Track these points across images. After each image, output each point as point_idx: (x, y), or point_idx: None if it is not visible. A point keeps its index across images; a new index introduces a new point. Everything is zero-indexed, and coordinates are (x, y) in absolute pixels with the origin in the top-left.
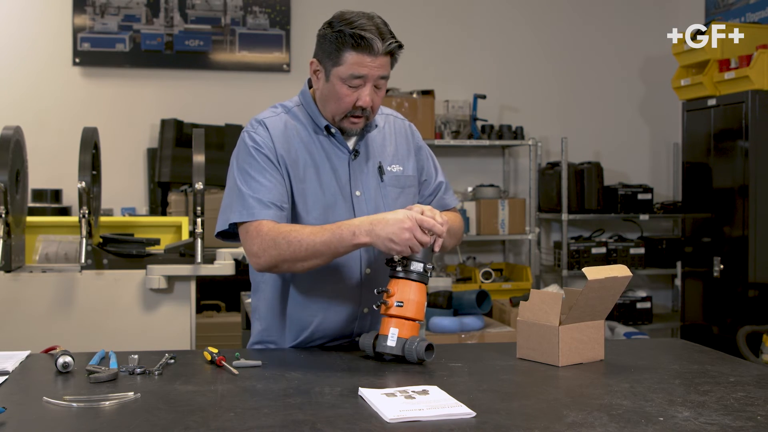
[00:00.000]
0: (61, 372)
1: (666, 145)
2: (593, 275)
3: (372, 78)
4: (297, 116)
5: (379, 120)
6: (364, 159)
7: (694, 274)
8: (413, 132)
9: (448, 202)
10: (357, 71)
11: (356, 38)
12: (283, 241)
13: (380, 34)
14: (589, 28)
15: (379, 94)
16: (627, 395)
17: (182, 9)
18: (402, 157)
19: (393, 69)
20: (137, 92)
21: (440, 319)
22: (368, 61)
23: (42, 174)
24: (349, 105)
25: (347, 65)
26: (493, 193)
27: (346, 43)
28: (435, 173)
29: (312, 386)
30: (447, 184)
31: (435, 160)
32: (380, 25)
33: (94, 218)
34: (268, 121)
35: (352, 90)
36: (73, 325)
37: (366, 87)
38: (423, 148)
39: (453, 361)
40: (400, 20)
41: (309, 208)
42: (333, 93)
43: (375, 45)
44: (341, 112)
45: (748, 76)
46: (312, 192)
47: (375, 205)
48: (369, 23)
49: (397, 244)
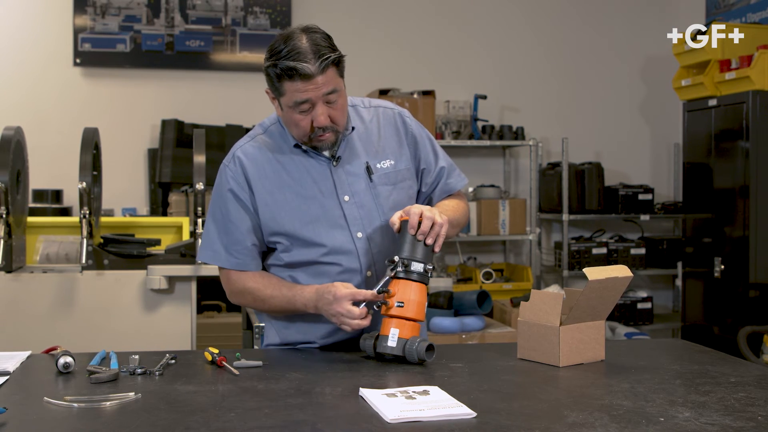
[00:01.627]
0: (62, 372)
1: (667, 145)
2: (594, 275)
3: (317, 98)
4: (273, 135)
5: (366, 114)
6: (348, 161)
7: (694, 274)
8: (404, 120)
9: (453, 185)
10: (300, 97)
11: (285, 71)
12: (249, 296)
13: (314, 54)
14: (590, 28)
15: (336, 107)
16: (628, 395)
17: (183, 9)
18: (392, 151)
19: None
20: (138, 92)
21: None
22: (307, 86)
23: (43, 174)
24: (307, 128)
25: (289, 94)
26: (493, 193)
27: (281, 75)
28: (435, 159)
29: (313, 386)
30: (450, 167)
31: (435, 144)
32: (317, 40)
33: (94, 219)
34: (241, 152)
35: (304, 114)
36: (73, 326)
37: (316, 108)
38: (418, 135)
39: (454, 361)
40: (400, 21)
41: (297, 225)
42: (290, 120)
43: (306, 70)
44: (304, 136)
45: (749, 77)
46: (296, 209)
47: (367, 208)
48: (301, 43)
49: (335, 318)
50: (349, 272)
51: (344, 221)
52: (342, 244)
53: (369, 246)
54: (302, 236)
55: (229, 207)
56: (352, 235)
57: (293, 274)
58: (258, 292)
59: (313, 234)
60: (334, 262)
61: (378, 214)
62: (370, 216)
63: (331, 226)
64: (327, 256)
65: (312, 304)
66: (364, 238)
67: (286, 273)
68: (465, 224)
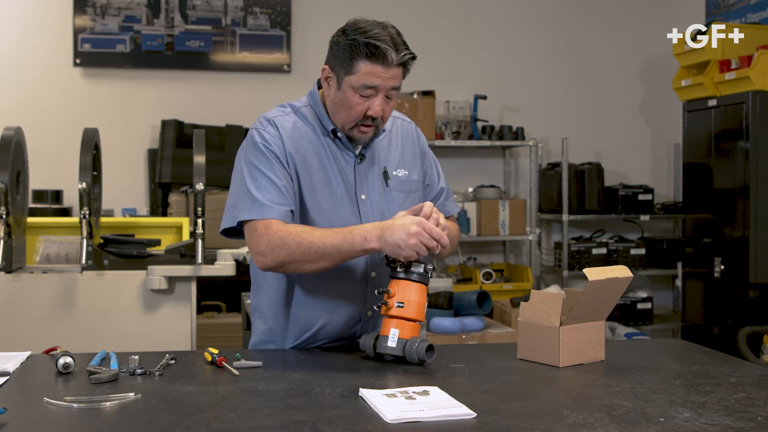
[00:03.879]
0: (62, 373)
1: (666, 145)
2: (594, 276)
3: (384, 88)
4: (305, 117)
5: (387, 124)
6: (369, 163)
7: (694, 274)
8: (419, 136)
9: (449, 209)
10: (370, 81)
11: (370, 48)
12: (292, 241)
13: (394, 45)
14: (590, 28)
15: (390, 104)
16: (628, 396)
17: (183, 10)
18: (408, 162)
19: None
20: (138, 93)
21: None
22: (381, 71)
23: (43, 175)
24: (360, 114)
25: (360, 74)
26: (493, 193)
27: (360, 52)
28: (437, 179)
29: (313, 387)
30: (448, 191)
31: (438, 165)
32: (394, 35)
33: (94, 219)
34: (278, 120)
35: (364, 99)
36: (73, 326)
37: (378, 97)
38: (428, 152)
39: (454, 361)
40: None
41: (317, 208)
42: (344, 101)
43: (389, 55)
44: (351, 121)
45: (749, 77)
46: (320, 193)
47: (380, 210)
48: (383, 33)
49: (404, 249)
50: (353, 270)
51: (358, 218)
52: None
53: None
54: (316, 221)
55: (270, 158)
56: None
57: None
58: (304, 234)
59: (327, 222)
60: None
61: (389, 218)
62: (381, 218)
63: (345, 219)
64: None
65: (376, 234)
66: None
67: None
68: (455, 248)
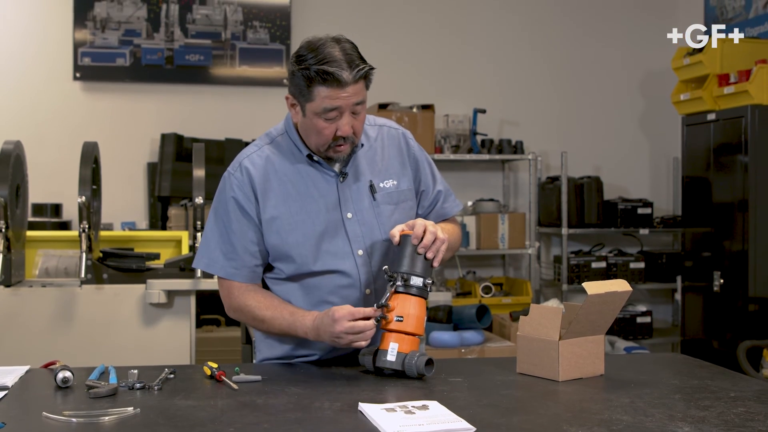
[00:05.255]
0: (61, 387)
1: (666, 159)
2: (593, 290)
3: (347, 107)
4: (280, 146)
5: (371, 131)
6: (353, 179)
7: (694, 288)
8: (407, 141)
9: (448, 210)
10: (330, 104)
11: (321, 74)
12: (248, 314)
13: (348, 63)
14: (589, 42)
15: (359, 118)
16: (627, 410)
17: (183, 24)
18: (395, 171)
19: (390, 85)
20: (137, 107)
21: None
22: (339, 93)
23: (42, 188)
24: (330, 137)
25: (319, 100)
26: (493, 207)
27: (314, 79)
28: (433, 183)
29: (312, 401)
30: (447, 192)
31: (433, 168)
32: (348, 50)
33: (94, 233)
34: (248, 161)
35: (330, 122)
36: (72, 340)
37: (343, 117)
38: (419, 157)
39: (453, 375)
40: (400, 35)
41: (299, 240)
42: (312, 127)
43: (342, 76)
44: (323, 144)
45: (748, 91)
46: (301, 223)
47: (369, 226)
48: (335, 52)
49: (341, 345)
50: (348, 289)
51: (346, 239)
52: (342, 261)
53: (369, 264)
54: (301, 252)
55: (232, 216)
56: (353, 252)
57: (292, 288)
58: (258, 311)
59: (313, 251)
60: (334, 279)
61: (380, 233)
62: (371, 234)
63: (333, 243)
64: (327, 272)
65: (313, 333)
66: (364, 256)
67: (285, 286)
68: (457, 249)
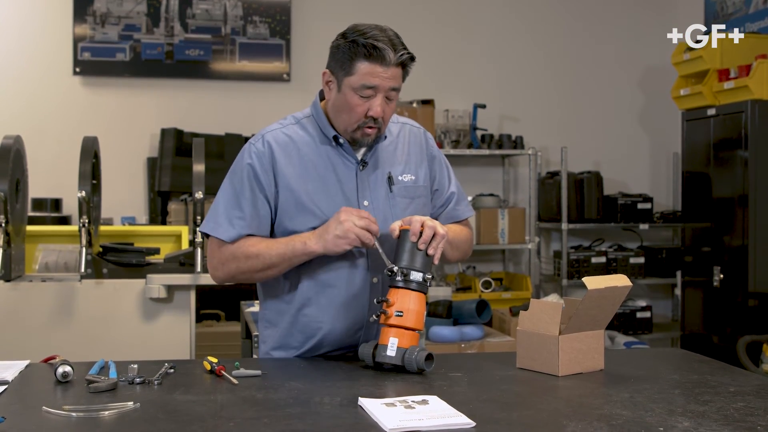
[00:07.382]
0: (61, 381)
1: (666, 154)
2: (593, 285)
3: (383, 89)
4: (305, 127)
5: (394, 128)
6: (372, 169)
7: (693, 283)
8: (428, 140)
9: (460, 213)
10: (369, 81)
11: (368, 48)
12: (241, 254)
13: (392, 45)
14: (589, 37)
15: (391, 105)
16: (627, 405)
17: (182, 18)
18: (414, 167)
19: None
20: (137, 101)
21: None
22: (380, 71)
23: (42, 183)
24: (361, 115)
25: (359, 75)
26: (492, 202)
27: (359, 52)
28: (447, 183)
29: (312, 396)
30: (460, 195)
31: (450, 170)
32: (393, 36)
33: (93, 227)
34: (271, 136)
35: (364, 100)
36: (72, 335)
37: (377, 97)
38: (437, 157)
39: (453, 370)
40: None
41: (315, 216)
42: (345, 103)
43: (387, 55)
44: (353, 123)
45: (748, 86)
46: (318, 203)
47: (383, 216)
48: (382, 35)
49: (344, 236)
50: (355, 275)
51: None
52: None
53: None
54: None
55: (246, 183)
56: None
57: (299, 271)
58: (251, 248)
59: None
60: (341, 264)
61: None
62: (384, 224)
63: None
64: (337, 257)
65: (314, 236)
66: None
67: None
68: (467, 252)
